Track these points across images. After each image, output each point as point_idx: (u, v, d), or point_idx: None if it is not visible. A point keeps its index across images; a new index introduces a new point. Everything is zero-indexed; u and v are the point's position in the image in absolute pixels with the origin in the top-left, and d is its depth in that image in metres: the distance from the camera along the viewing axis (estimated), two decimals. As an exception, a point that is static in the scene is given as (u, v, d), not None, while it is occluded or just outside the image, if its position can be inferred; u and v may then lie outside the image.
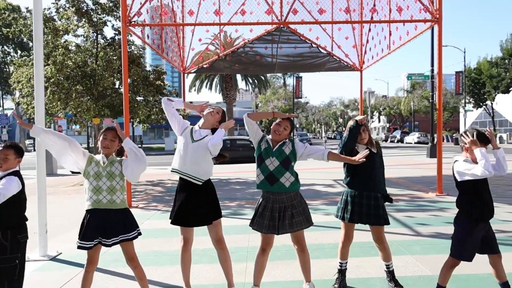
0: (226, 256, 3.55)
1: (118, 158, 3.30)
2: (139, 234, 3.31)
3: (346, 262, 3.80)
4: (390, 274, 3.72)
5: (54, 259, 4.91)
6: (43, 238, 5.04)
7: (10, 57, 36.25)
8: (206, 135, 3.49)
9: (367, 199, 3.60)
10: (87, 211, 3.20)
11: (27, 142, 42.26)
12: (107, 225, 3.15)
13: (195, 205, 3.40)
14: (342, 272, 3.79)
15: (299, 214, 3.38)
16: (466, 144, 3.17)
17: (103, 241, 3.16)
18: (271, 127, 3.46)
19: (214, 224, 3.48)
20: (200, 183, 3.41)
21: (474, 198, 3.13)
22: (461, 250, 3.17)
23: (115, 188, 3.19)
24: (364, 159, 3.30)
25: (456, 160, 3.26)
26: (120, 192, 3.23)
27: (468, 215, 3.16)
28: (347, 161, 3.48)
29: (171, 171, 3.52)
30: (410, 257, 4.56)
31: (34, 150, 37.73)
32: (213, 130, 3.56)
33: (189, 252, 3.56)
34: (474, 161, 3.13)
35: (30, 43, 32.33)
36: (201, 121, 3.60)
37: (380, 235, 3.67)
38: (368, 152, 3.36)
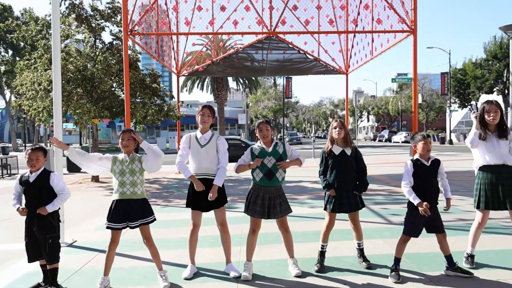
0: (227, 237, 4.34)
1: (138, 156, 3.99)
2: (154, 219, 4.06)
3: (327, 245, 4.53)
4: (361, 251, 4.49)
5: (71, 245, 5.58)
6: (61, 227, 5.69)
7: (1, 56, 36.37)
8: (210, 137, 4.27)
9: (346, 191, 4.29)
10: (115, 200, 3.90)
11: (18, 141, 42.38)
12: (130, 212, 3.85)
13: (207, 194, 4.14)
14: (322, 253, 4.50)
15: (284, 202, 4.22)
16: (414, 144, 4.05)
17: (129, 224, 3.88)
18: (257, 135, 4.20)
19: (220, 210, 4.25)
20: (213, 178, 4.18)
21: (415, 190, 3.97)
22: (408, 228, 3.99)
23: (136, 182, 3.91)
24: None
25: (410, 159, 4.09)
26: (140, 185, 3.95)
27: (410, 203, 4.01)
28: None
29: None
30: (379, 240, 5.36)
31: (25, 149, 37.57)
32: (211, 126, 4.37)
33: (196, 235, 4.33)
34: (424, 156, 3.97)
35: (21, 43, 32.55)
36: (199, 128, 4.30)
37: (355, 218, 4.43)
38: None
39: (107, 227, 3.89)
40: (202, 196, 4.17)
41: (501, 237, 5.45)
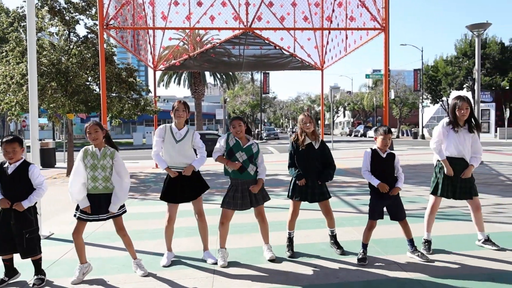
0: (204, 226, 4.52)
1: (110, 150, 3.98)
2: (125, 211, 4.13)
3: (293, 232, 4.76)
4: (334, 238, 4.74)
5: (48, 238, 5.62)
6: (39, 219, 5.72)
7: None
8: (186, 133, 4.39)
9: (311, 182, 4.49)
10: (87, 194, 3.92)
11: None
12: (101, 205, 3.92)
13: (184, 185, 4.32)
14: (291, 240, 4.73)
15: (261, 190, 4.42)
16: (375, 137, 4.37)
17: (99, 217, 3.95)
18: (231, 131, 4.32)
19: (197, 200, 4.42)
20: None
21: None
22: (372, 213, 4.33)
23: (108, 177, 3.93)
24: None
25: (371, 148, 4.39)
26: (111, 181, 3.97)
27: (371, 190, 4.36)
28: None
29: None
30: (349, 228, 5.65)
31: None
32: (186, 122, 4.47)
33: (172, 227, 4.48)
34: (381, 149, 4.28)
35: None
36: (175, 122, 4.39)
37: (327, 207, 4.64)
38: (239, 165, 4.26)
39: (78, 217, 3.92)
40: (178, 189, 4.32)
41: (460, 223, 5.82)
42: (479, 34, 12.73)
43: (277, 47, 13.33)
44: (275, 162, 14.38)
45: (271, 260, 4.38)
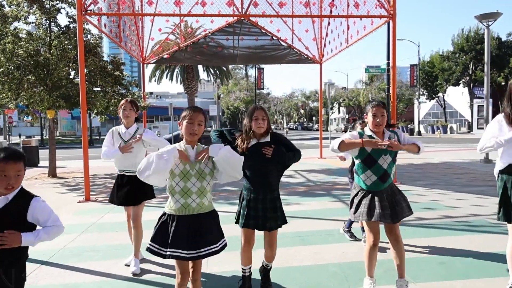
0: (139, 233, 4.22)
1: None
2: (224, 246, 2.79)
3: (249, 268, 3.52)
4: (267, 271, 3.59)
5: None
6: None
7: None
8: (135, 132, 4.21)
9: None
10: (170, 216, 2.69)
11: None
12: (199, 234, 2.65)
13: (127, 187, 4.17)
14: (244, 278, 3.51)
15: (403, 200, 3.32)
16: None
17: (181, 253, 2.60)
18: (371, 122, 3.23)
19: (138, 206, 4.19)
20: (134, 174, 3.84)
21: None
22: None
23: (205, 189, 2.71)
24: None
25: None
26: (210, 193, 2.78)
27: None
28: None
29: None
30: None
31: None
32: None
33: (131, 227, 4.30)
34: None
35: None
36: (123, 122, 4.25)
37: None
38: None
39: (173, 257, 2.61)
40: (121, 189, 4.17)
41: (489, 237, 5.03)
42: (489, 25, 11.96)
43: (274, 38, 12.48)
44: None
45: None
